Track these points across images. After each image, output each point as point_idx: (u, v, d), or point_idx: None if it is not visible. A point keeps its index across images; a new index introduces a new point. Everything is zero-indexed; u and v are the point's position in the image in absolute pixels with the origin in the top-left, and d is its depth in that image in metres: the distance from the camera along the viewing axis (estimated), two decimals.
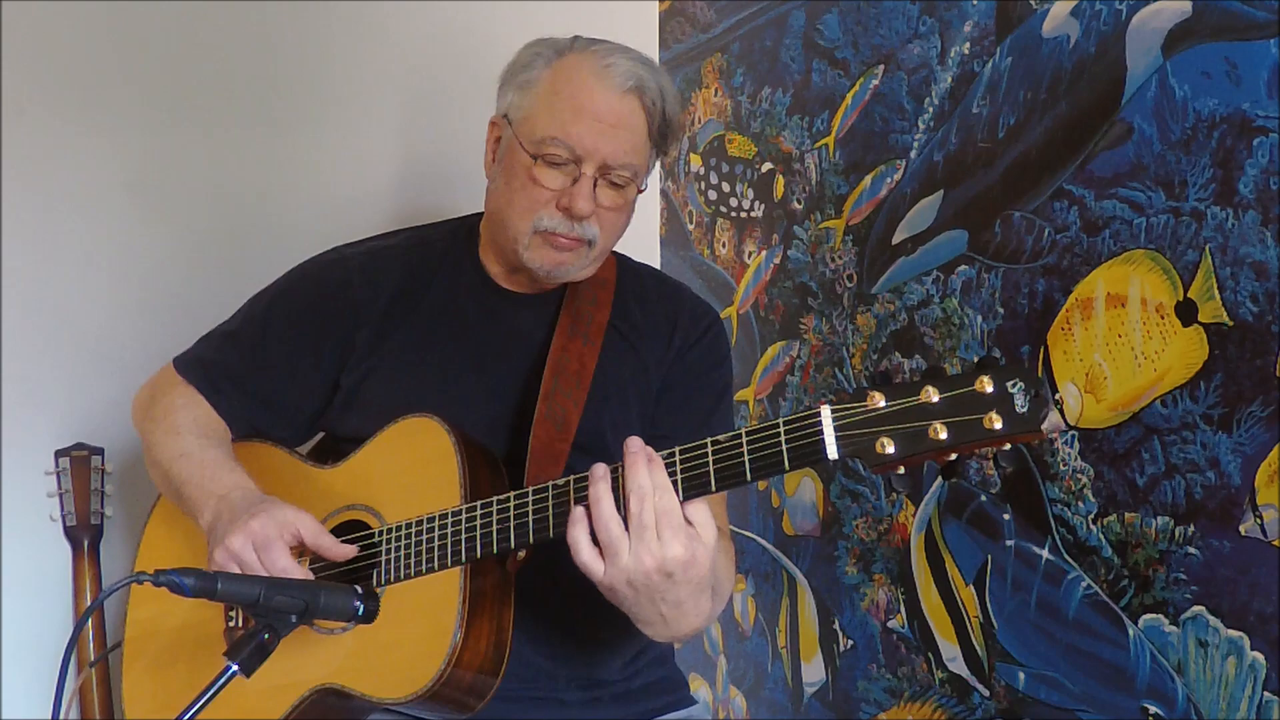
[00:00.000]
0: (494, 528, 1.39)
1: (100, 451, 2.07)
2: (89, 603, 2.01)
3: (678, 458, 1.28)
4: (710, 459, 1.26)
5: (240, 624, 1.55)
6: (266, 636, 1.26)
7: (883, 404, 1.17)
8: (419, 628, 1.42)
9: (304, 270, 1.69)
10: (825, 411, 1.20)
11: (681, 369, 1.67)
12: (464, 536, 1.41)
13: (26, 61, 2.12)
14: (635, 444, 1.28)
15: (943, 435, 1.14)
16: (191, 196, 2.24)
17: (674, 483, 1.27)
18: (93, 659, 1.98)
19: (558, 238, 1.55)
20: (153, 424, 1.63)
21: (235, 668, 1.23)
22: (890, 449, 1.16)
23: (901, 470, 1.19)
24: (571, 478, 1.35)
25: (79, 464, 2.05)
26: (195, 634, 1.58)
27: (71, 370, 2.16)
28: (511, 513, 1.39)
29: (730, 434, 1.26)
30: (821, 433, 1.19)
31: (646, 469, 1.26)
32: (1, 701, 2.09)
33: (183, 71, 2.23)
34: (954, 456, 1.17)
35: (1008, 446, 1.15)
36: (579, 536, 1.28)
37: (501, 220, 1.59)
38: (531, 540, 1.37)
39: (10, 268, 2.12)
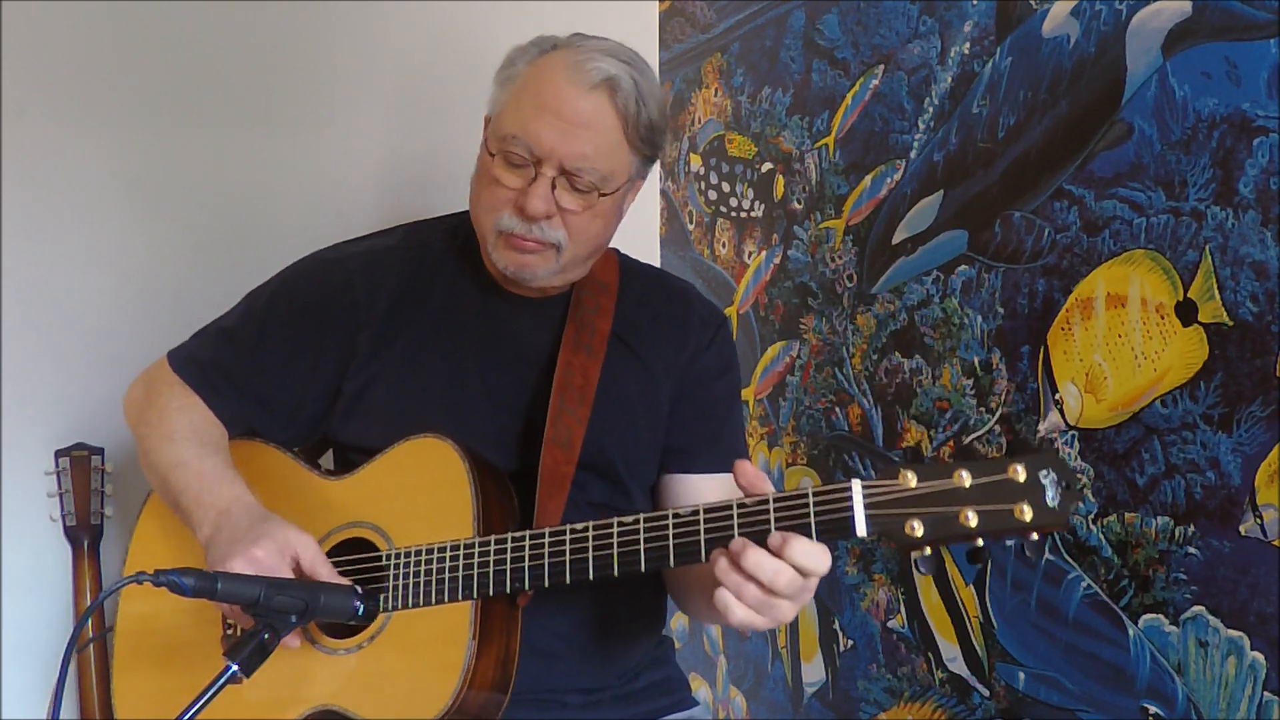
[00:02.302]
0: (508, 567, 1.37)
1: (100, 451, 2.07)
2: (89, 603, 2.01)
3: (701, 516, 1.27)
4: (735, 521, 1.25)
5: (237, 630, 1.53)
6: (266, 636, 1.26)
7: (914, 484, 1.16)
8: (425, 659, 1.40)
9: (303, 268, 1.66)
10: (856, 486, 1.18)
11: (694, 376, 1.65)
12: (476, 573, 1.38)
13: (26, 61, 2.12)
14: (723, 563, 1.23)
15: (972, 523, 1.14)
16: (190, 196, 2.23)
17: (695, 544, 1.26)
18: (90, 644, 1.97)
19: (516, 239, 1.51)
20: (148, 428, 1.59)
21: (235, 667, 1.22)
22: (919, 531, 1.15)
23: (927, 551, 1.17)
24: (591, 524, 1.34)
25: (79, 464, 2.05)
26: (190, 635, 1.56)
27: (71, 370, 2.15)
28: (527, 553, 1.36)
29: (757, 498, 1.24)
30: (851, 508, 1.18)
31: (760, 557, 1.21)
32: (1, 701, 2.09)
33: (182, 71, 2.23)
34: (980, 543, 1.17)
35: (1034, 536, 1.14)
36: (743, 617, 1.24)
37: (474, 217, 1.58)
38: (547, 584, 1.35)
39: (10, 268, 2.12)
